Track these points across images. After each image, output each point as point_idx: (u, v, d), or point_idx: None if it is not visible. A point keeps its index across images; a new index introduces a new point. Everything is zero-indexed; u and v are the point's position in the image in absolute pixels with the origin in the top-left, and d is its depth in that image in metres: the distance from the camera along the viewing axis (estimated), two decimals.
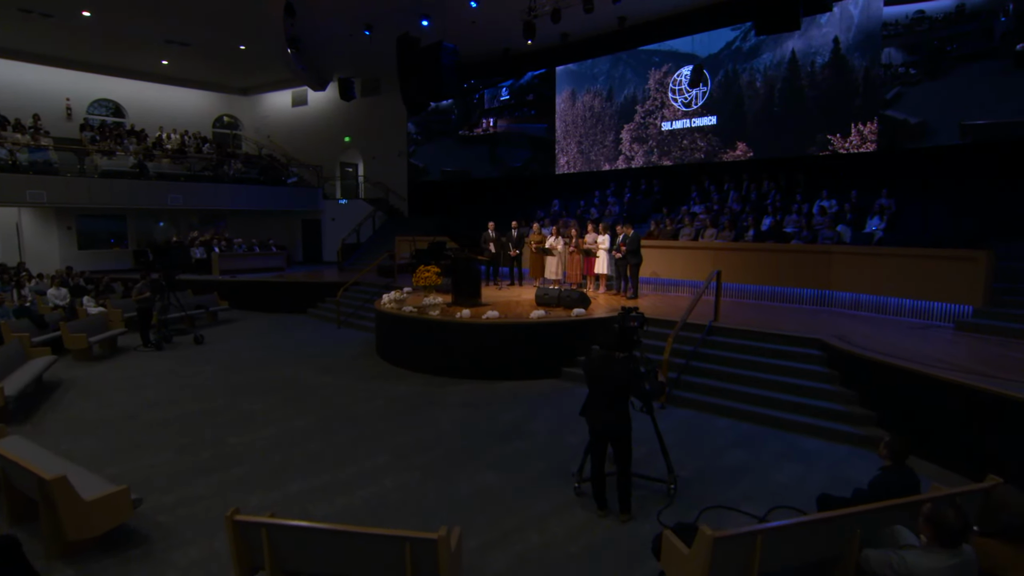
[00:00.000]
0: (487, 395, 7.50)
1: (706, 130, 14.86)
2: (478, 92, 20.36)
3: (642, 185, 15.70)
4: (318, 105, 23.90)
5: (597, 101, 17.31)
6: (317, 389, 7.89)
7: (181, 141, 20.81)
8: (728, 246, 10.84)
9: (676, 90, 15.36)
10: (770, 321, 8.24)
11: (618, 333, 4.37)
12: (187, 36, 17.54)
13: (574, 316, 8.39)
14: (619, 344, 4.29)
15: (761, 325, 7.83)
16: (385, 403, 7.24)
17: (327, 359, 9.63)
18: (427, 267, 9.32)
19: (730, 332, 7.65)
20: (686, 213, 12.71)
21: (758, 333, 7.40)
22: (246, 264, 17.22)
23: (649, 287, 11.98)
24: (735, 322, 8.04)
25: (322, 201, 22.57)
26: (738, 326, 7.75)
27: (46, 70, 19.84)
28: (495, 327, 8.10)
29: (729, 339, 7.54)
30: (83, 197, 16.40)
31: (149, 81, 22.17)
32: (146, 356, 10.07)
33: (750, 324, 7.90)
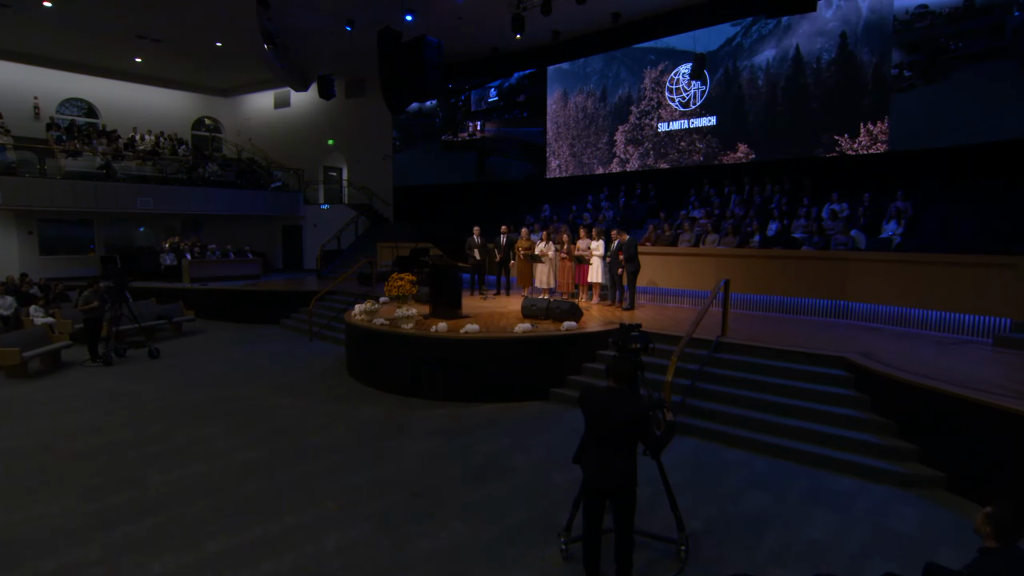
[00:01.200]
0: (464, 421, 6.56)
1: (705, 131, 14.08)
2: (464, 94, 19.54)
3: (637, 189, 14.88)
4: (301, 107, 23.02)
5: (590, 102, 16.53)
6: (271, 413, 6.92)
7: (156, 142, 19.85)
8: (732, 253, 9.99)
9: (673, 89, 14.58)
10: (783, 336, 7.37)
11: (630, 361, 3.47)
12: (158, 31, 16.63)
13: (564, 330, 7.49)
14: (631, 376, 3.39)
15: (774, 340, 6.94)
16: (345, 431, 6.28)
17: (290, 377, 8.66)
18: (401, 275, 8.40)
19: (740, 349, 6.76)
20: (685, 218, 11.87)
21: (772, 350, 6.52)
22: (219, 271, 16.22)
23: (646, 296, 11.11)
24: (745, 337, 7.16)
25: (303, 206, 21.62)
26: (749, 341, 6.87)
27: (12, 66, 18.85)
28: (474, 343, 7.18)
29: (739, 356, 6.65)
30: (44, 199, 15.38)
31: (124, 80, 21.24)
32: (91, 373, 9.06)
33: (762, 339, 7.02)
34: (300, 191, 21.70)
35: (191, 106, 23.60)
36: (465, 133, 19.58)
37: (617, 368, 3.36)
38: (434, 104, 20.31)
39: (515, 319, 8.60)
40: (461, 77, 19.31)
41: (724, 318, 7.14)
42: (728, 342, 6.88)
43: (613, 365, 3.37)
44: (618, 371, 3.35)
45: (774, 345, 6.64)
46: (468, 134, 19.52)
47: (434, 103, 20.31)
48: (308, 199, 22.18)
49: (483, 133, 19.14)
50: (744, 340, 6.94)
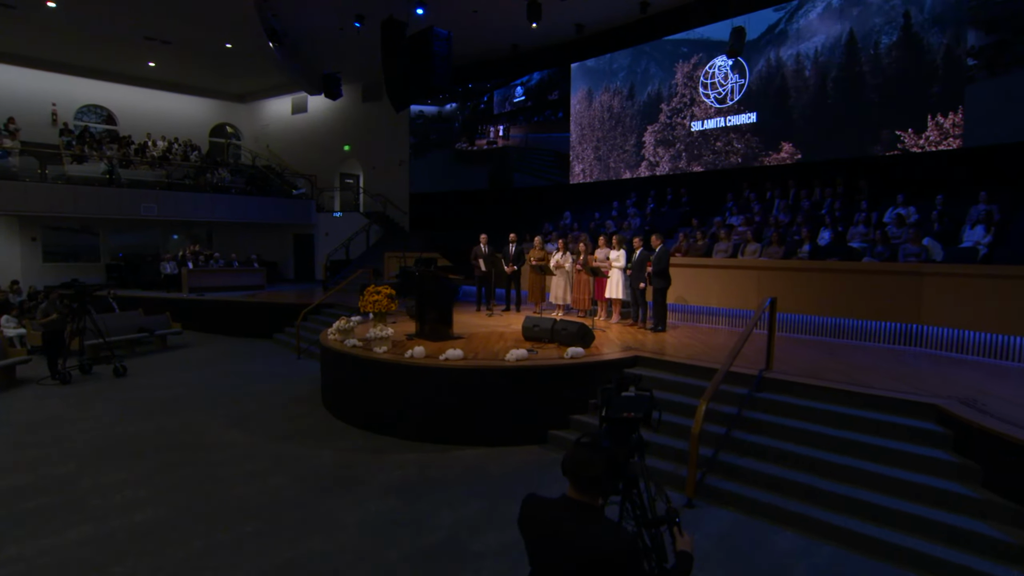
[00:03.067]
0: (434, 472, 5.25)
1: (744, 129, 12.55)
2: (487, 94, 18.37)
3: (668, 194, 13.43)
4: (318, 112, 22.35)
5: (616, 100, 15.19)
6: (208, 453, 5.76)
7: (167, 148, 19.37)
8: (777, 265, 8.46)
9: (708, 84, 13.12)
10: (845, 370, 5.83)
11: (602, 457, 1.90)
12: (165, 32, 16.08)
13: (568, 359, 6.12)
14: (604, 482, 1.87)
15: (835, 377, 5.43)
16: (285, 482, 5.06)
17: (255, 404, 7.53)
18: (378, 288, 7.21)
19: (790, 388, 5.27)
20: (721, 225, 10.36)
21: (833, 392, 5.01)
22: (220, 281, 15.40)
23: (675, 316, 9.64)
24: (796, 371, 5.66)
25: (315, 214, 20.81)
26: (802, 378, 5.37)
27: (30, 73, 18.68)
28: (455, 373, 5.88)
29: (789, 398, 5.16)
30: (42, 205, 14.86)
31: (141, 86, 20.92)
32: (39, 393, 8.12)
33: (818, 375, 5.51)
34: (312, 198, 20.91)
35: (209, 112, 23.22)
36: (484, 141, 18.39)
37: (576, 465, 1.80)
38: (454, 107, 19.26)
39: (515, 342, 7.28)
40: (480, 77, 18.25)
41: (770, 347, 5.65)
42: (775, 378, 5.40)
43: (572, 459, 1.82)
44: (577, 471, 1.80)
45: (835, 384, 5.12)
46: (488, 141, 18.34)
47: (454, 106, 19.27)
48: (323, 206, 21.40)
49: (506, 140, 17.85)
50: (795, 376, 5.44)
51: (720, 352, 6.64)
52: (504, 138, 18.03)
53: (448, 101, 19.30)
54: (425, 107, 19.90)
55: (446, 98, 19.32)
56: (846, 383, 5.16)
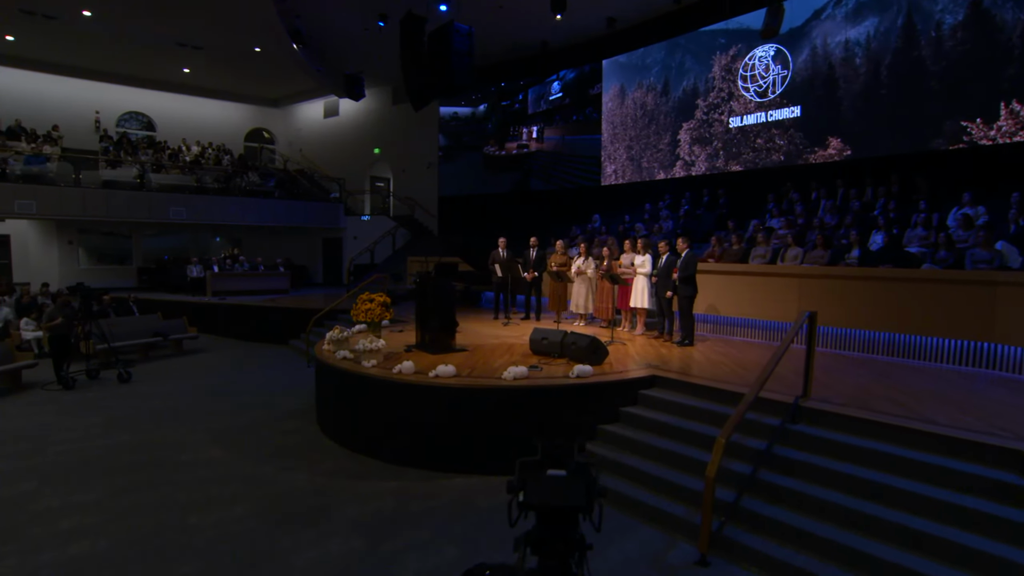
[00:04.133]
0: (413, 505, 4.66)
1: (787, 124, 11.54)
2: (521, 93, 17.68)
3: (704, 196, 12.53)
4: (349, 116, 22.30)
5: (650, 97, 14.36)
6: (180, 471, 5.35)
7: (200, 153, 19.61)
8: (821, 272, 7.53)
9: (748, 77, 12.16)
10: (900, 398, 4.94)
11: None
12: (195, 37, 16.21)
13: (573, 379, 5.43)
14: None
15: (889, 409, 4.56)
16: (253, 509, 4.57)
17: (248, 417, 7.13)
18: (371, 296, 6.69)
19: (831, 420, 4.43)
20: (759, 228, 9.44)
21: (888, 428, 4.15)
22: (243, 285, 15.34)
23: (705, 327, 8.81)
24: (839, 399, 4.81)
25: (344, 218, 20.68)
26: (845, 408, 4.52)
27: (75, 82, 19.27)
28: (447, 391, 5.27)
29: (830, 434, 4.33)
30: (76, 208, 15.13)
31: (178, 93, 21.33)
32: (38, 399, 7.97)
33: (867, 405, 4.65)
34: (341, 202, 20.80)
35: (243, 117, 23.51)
36: (514, 144, 17.78)
37: None
38: (487, 108, 18.73)
39: (522, 356, 6.64)
40: (511, 76, 17.69)
41: (808, 370, 4.81)
42: (813, 408, 4.56)
43: None
44: None
45: (888, 417, 4.26)
46: (518, 144, 17.71)
47: (487, 107, 18.75)
48: (350, 210, 21.27)
49: (540, 143, 17.14)
50: (838, 405, 4.60)
51: (752, 371, 5.82)
52: (538, 140, 17.35)
53: (481, 101, 18.80)
54: (459, 108, 19.47)
55: (479, 98, 18.85)
56: (902, 416, 4.29)
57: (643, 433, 5.13)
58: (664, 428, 5.04)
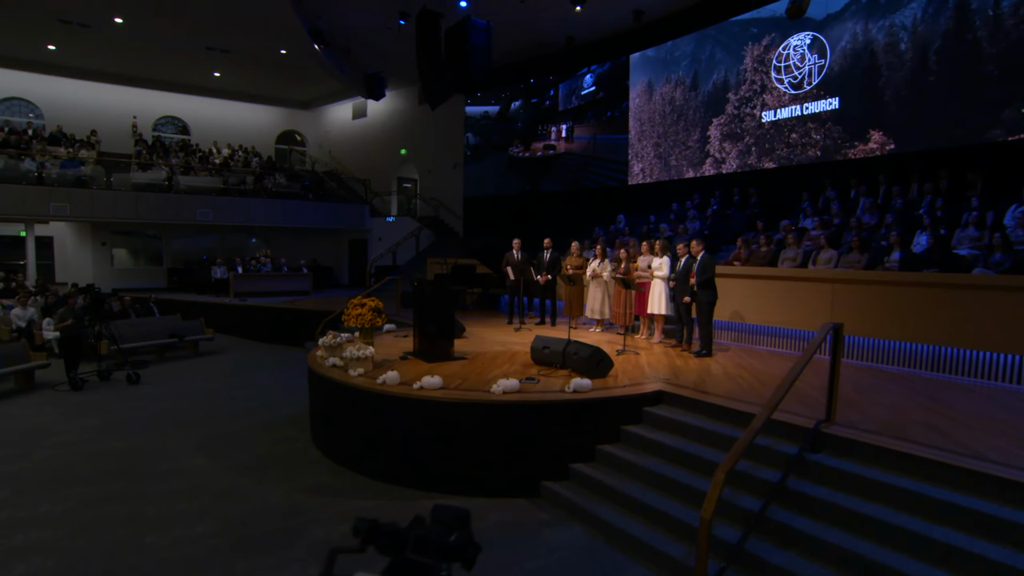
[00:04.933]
0: None
1: (824, 118, 10.75)
2: (552, 88, 17.13)
3: (735, 195, 11.82)
4: (377, 117, 22.30)
5: (679, 92, 13.71)
6: (163, 481, 5.16)
7: (230, 155, 19.89)
8: (856, 277, 6.84)
9: (782, 67, 11.40)
10: (942, 424, 4.30)
11: None
12: (223, 41, 16.38)
13: (569, 393, 4.97)
14: None
15: (926, 436, 3.95)
16: (218, 528, 4.30)
17: (242, 423, 6.94)
18: (363, 300, 6.37)
19: (858, 451, 3.83)
20: (790, 229, 8.75)
21: (928, 463, 3.53)
22: (265, 286, 15.39)
23: (729, 335, 8.19)
24: (869, 424, 4.21)
25: (369, 219, 20.64)
26: (876, 436, 3.92)
27: (113, 88, 19.85)
28: (429, 405, 4.89)
29: (856, 467, 3.74)
30: (108, 211, 15.49)
31: (210, 97, 21.76)
32: (49, 399, 7.99)
33: (902, 432, 4.03)
34: (367, 203, 20.78)
35: (274, 120, 23.82)
36: (541, 144, 17.30)
37: None
38: (519, 106, 18.28)
39: (522, 365, 6.22)
40: (536, 73, 17.24)
41: (831, 390, 4.21)
42: (837, 435, 3.97)
43: None
44: None
45: (927, 450, 3.65)
46: (545, 145, 17.24)
47: (519, 104, 18.29)
48: (376, 211, 21.23)
49: (569, 142, 16.59)
50: (867, 432, 4.00)
51: (769, 387, 5.24)
52: (567, 140, 16.82)
53: (512, 99, 18.37)
54: (489, 107, 19.14)
55: (508, 96, 18.46)
56: (945, 449, 3.67)
57: (645, 456, 4.63)
58: (668, 452, 4.53)
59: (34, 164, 14.84)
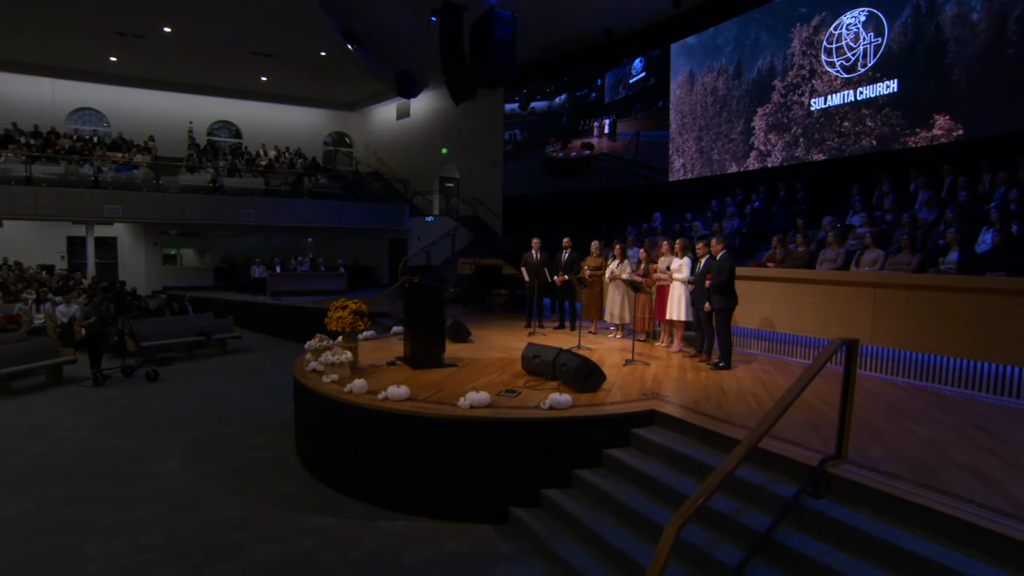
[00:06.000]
0: (331, 552, 3.96)
1: (880, 103, 9.63)
2: (600, 79, 16.23)
3: (781, 190, 10.83)
4: (420, 116, 22.31)
5: (721, 81, 12.79)
6: (134, 484, 5.07)
7: (276, 157, 20.41)
8: (903, 281, 5.93)
9: (833, 49, 10.33)
10: (993, 469, 3.49)
11: None
12: (266, 46, 16.76)
13: (544, 410, 4.45)
14: None
15: (967, 483, 3.18)
16: (162, 540, 4.10)
17: (235, 426, 6.84)
18: (345, 302, 6.07)
19: (874, 500, 3.09)
20: (833, 226, 7.80)
21: (962, 524, 2.78)
22: (301, 286, 15.58)
23: (759, 345, 7.40)
24: (895, 466, 3.46)
25: (409, 219, 20.65)
26: (899, 482, 3.19)
27: (169, 96, 20.79)
28: (392, 418, 4.51)
29: (864, 523, 3.01)
30: (156, 212, 16.16)
31: (260, 101, 22.41)
32: (70, 394, 8.23)
33: (935, 478, 3.28)
34: (407, 202, 20.80)
35: (323, 122, 24.30)
36: (578, 143, 16.64)
37: None
38: (564, 100, 17.65)
39: (512, 376, 5.75)
40: (576, 68, 16.62)
41: (843, 422, 3.49)
42: (845, 477, 3.26)
43: None
44: None
45: (964, 510, 2.88)
46: (582, 143, 16.57)
47: (564, 98, 17.65)
48: (417, 210, 21.23)
49: (612, 140, 15.80)
50: (886, 479, 3.25)
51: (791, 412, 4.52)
52: (609, 136, 16.07)
53: (556, 94, 17.77)
54: (536, 102, 18.63)
55: (553, 91, 17.90)
56: (986, 505, 2.90)
57: (626, 487, 4.06)
58: (650, 484, 3.94)
59: (92, 169, 15.66)
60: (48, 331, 11.25)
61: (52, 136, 16.97)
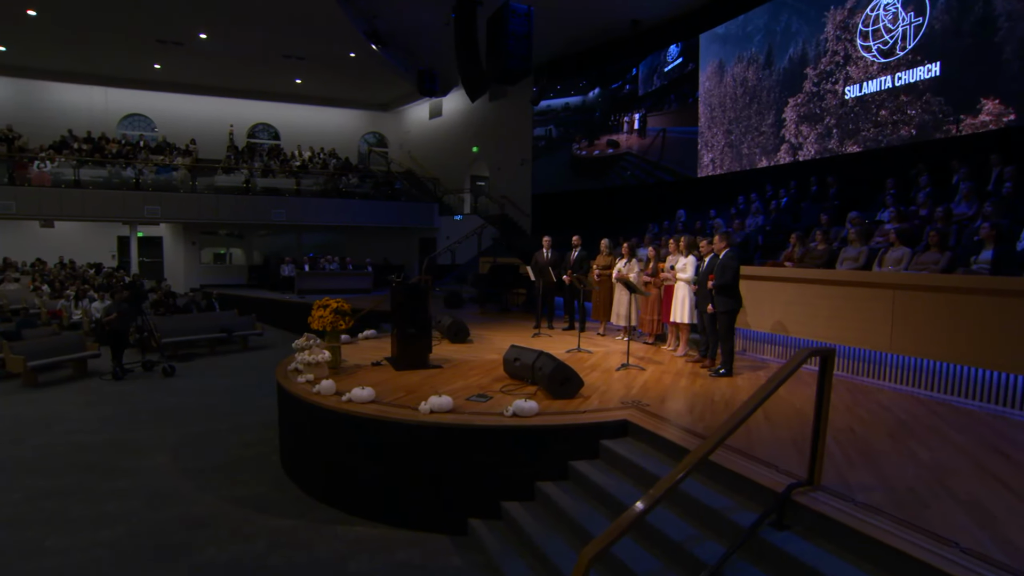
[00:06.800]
0: (283, 553, 3.87)
1: (921, 88, 8.88)
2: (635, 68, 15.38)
3: (812, 185, 10.17)
4: (451, 115, 22.34)
5: (751, 71, 12.15)
6: (113, 479, 5.14)
7: (310, 157, 20.84)
8: (924, 282, 5.36)
9: (869, 32, 9.60)
10: (995, 506, 3.04)
11: None
12: (296, 48, 17.08)
13: (508, 419, 4.22)
14: None
15: (962, 523, 2.77)
16: (124, 532, 4.14)
17: (231, 423, 6.93)
18: (327, 301, 5.98)
19: (843, 537, 2.70)
20: (859, 221, 7.20)
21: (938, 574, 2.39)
22: (327, 284, 15.80)
23: (773, 351, 6.92)
24: (878, 496, 3.05)
25: (438, 218, 20.69)
26: (871, 520, 2.79)
27: (210, 100, 21.55)
28: (352, 421, 4.38)
29: (827, 563, 2.65)
30: (193, 212, 16.75)
31: (297, 103, 22.90)
32: (89, 387, 8.58)
33: (920, 520, 2.86)
34: (436, 201, 20.85)
35: (358, 123, 24.64)
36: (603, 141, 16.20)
37: None
38: (597, 94, 17.19)
39: (494, 379, 5.53)
40: (604, 61, 16.18)
41: (816, 443, 3.09)
42: (811, 508, 2.88)
43: None
44: None
45: (946, 557, 2.49)
46: (607, 142, 16.12)
47: (597, 92, 17.18)
48: (447, 208, 21.24)
49: (641, 135, 15.26)
50: (861, 511, 2.86)
51: (782, 427, 4.15)
52: (639, 132, 15.55)
53: (590, 88, 17.33)
54: (570, 98, 18.29)
55: (586, 86, 17.50)
56: (972, 551, 2.48)
57: (586, 503, 3.78)
58: (611, 501, 3.65)
59: (133, 171, 16.38)
60: (84, 326, 11.80)
61: (102, 141, 17.85)
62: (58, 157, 16.39)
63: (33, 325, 10.55)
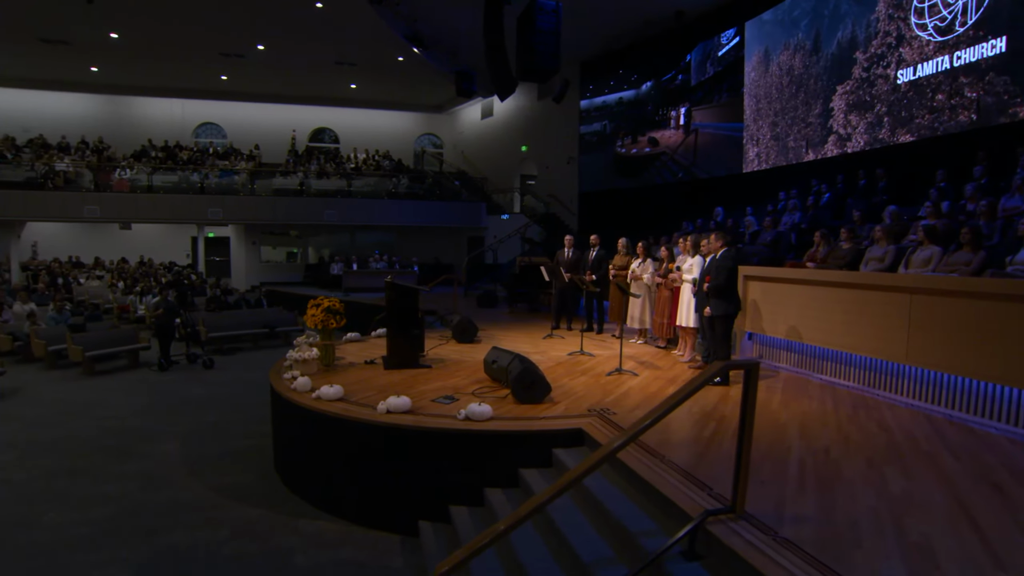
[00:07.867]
0: (234, 545, 4.04)
1: (983, 68, 7.98)
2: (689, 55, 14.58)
3: (861, 178, 9.41)
4: (502, 115, 22.43)
5: (798, 58, 11.40)
6: (123, 463, 5.57)
7: (363, 160, 21.59)
8: (943, 287, 4.81)
9: (924, 9, 8.73)
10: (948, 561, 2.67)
11: None
12: (347, 55, 17.71)
13: (460, 422, 4.17)
14: None
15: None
16: (112, 512, 4.49)
17: (244, 416, 7.27)
18: (321, 299, 6.14)
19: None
20: (896, 218, 6.56)
21: None
22: (372, 282, 16.31)
23: (789, 359, 6.48)
24: (811, 530, 2.77)
25: (486, 217, 20.84)
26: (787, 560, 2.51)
27: (274, 107, 22.79)
28: (317, 418, 4.49)
29: None
30: (251, 214, 17.79)
31: (353, 107, 23.76)
32: (135, 376, 9.33)
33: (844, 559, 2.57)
34: (483, 200, 21.02)
35: (414, 125, 25.23)
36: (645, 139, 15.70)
37: None
38: (650, 87, 16.69)
39: (473, 380, 5.51)
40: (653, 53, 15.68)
41: (739, 466, 2.82)
42: (723, 540, 2.64)
43: None
44: None
45: None
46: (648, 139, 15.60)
47: (650, 85, 16.69)
48: (496, 207, 21.37)
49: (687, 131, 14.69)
50: (774, 549, 2.59)
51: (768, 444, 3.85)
52: (685, 128, 14.98)
53: (643, 81, 16.83)
54: (623, 92, 17.89)
55: (638, 79, 17.05)
56: None
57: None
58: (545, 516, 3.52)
59: (199, 176, 17.62)
60: (147, 320, 12.83)
61: (176, 149, 19.33)
62: (137, 164, 17.91)
63: (100, 319, 11.57)
